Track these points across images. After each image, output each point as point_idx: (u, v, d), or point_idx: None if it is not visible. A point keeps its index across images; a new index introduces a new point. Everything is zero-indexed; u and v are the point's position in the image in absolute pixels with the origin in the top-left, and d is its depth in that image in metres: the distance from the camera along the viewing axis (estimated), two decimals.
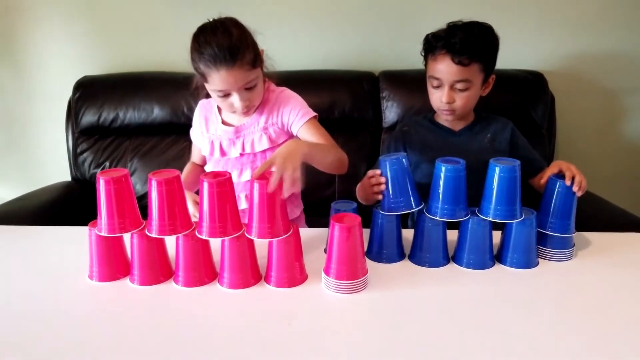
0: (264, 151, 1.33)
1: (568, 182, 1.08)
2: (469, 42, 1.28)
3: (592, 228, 1.25)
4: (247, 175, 1.34)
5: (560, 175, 1.11)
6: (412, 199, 1.08)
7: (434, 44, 1.33)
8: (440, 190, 1.05)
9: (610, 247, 1.15)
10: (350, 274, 0.96)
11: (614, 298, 0.95)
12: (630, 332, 0.84)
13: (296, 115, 1.30)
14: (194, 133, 1.43)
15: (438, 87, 1.35)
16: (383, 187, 1.10)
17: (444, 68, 1.31)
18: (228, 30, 1.18)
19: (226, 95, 1.22)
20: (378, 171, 1.12)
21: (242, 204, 1.34)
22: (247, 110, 1.27)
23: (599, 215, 1.58)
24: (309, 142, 1.23)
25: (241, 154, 1.33)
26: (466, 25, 1.32)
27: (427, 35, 1.37)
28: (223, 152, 1.35)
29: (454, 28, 1.32)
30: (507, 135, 1.43)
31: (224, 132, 1.34)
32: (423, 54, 1.39)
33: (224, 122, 1.36)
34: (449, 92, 1.33)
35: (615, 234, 1.23)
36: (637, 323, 0.87)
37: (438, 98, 1.36)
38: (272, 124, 1.32)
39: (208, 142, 1.36)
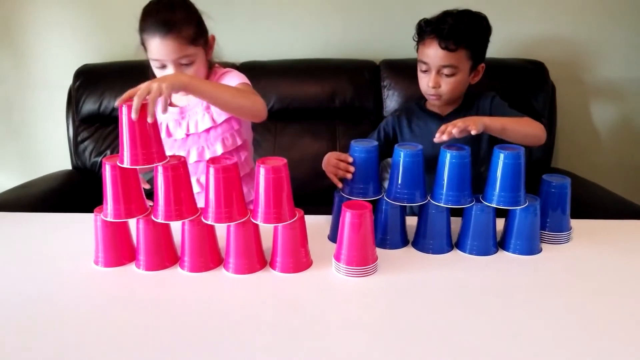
0: (207, 130, 1.34)
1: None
2: (457, 28, 1.30)
3: (592, 216, 1.26)
4: (194, 156, 1.35)
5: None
6: (418, 192, 1.08)
7: (424, 29, 1.35)
8: (445, 177, 1.05)
9: (612, 234, 1.16)
10: (361, 260, 0.97)
11: (617, 284, 0.96)
12: (633, 317, 0.85)
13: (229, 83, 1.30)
14: None
15: (426, 71, 1.36)
16: (349, 175, 1.12)
17: (432, 52, 1.33)
18: (172, 4, 1.25)
19: (162, 67, 1.25)
20: (350, 159, 1.13)
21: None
22: None
23: (600, 203, 1.59)
24: (195, 76, 1.18)
25: (187, 135, 1.34)
26: (458, 13, 1.34)
27: (420, 21, 1.38)
28: (169, 133, 1.35)
29: (446, 14, 1.34)
30: (487, 108, 1.41)
31: (170, 113, 1.35)
32: (416, 39, 1.40)
33: (170, 104, 1.36)
34: (435, 76, 1.34)
35: (616, 221, 1.24)
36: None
37: (425, 83, 1.37)
38: None
39: None
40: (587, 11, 2.02)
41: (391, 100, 1.95)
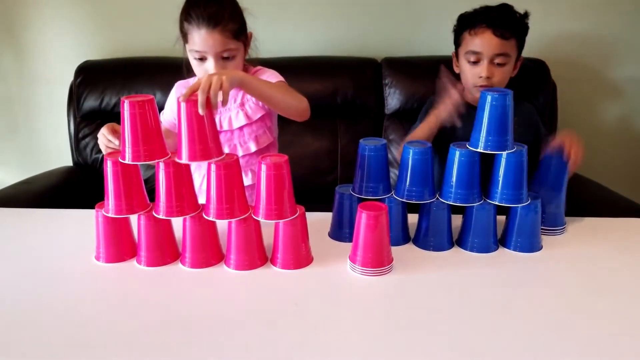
0: (240, 128, 1.34)
1: (566, 157, 1.13)
2: (508, 17, 1.33)
3: (593, 214, 1.26)
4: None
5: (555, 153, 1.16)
6: (427, 190, 1.08)
7: (473, 19, 1.35)
8: (454, 175, 1.05)
9: (611, 232, 1.17)
10: (376, 261, 0.97)
11: (617, 282, 0.96)
12: (633, 315, 0.86)
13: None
14: (167, 114, 1.41)
15: (476, 62, 1.35)
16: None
17: (485, 41, 1.32)
18: None
19: (202, 58, 1.24)
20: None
21: None
22: None
23: (600, 202, 1.59)
24: (247, 74, 1.17)
25: (219, 131, 1.33)
26: (502, 5, 1.37)
27: (463, 14, 1.39)
28: None
29: (489, 8, 1.36)
30: (534, 122, 1.44)
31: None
32: (456, 31, 1.40)
33: None
34: (488, 66, 1.33)
35: (616, 219, 1.24)
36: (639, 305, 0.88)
37: (476, 74, 1.36)
38: (248, 99, 1.34)
39: None
40: (589, 10, 2.02)
41: (393, 98, 1.95)
